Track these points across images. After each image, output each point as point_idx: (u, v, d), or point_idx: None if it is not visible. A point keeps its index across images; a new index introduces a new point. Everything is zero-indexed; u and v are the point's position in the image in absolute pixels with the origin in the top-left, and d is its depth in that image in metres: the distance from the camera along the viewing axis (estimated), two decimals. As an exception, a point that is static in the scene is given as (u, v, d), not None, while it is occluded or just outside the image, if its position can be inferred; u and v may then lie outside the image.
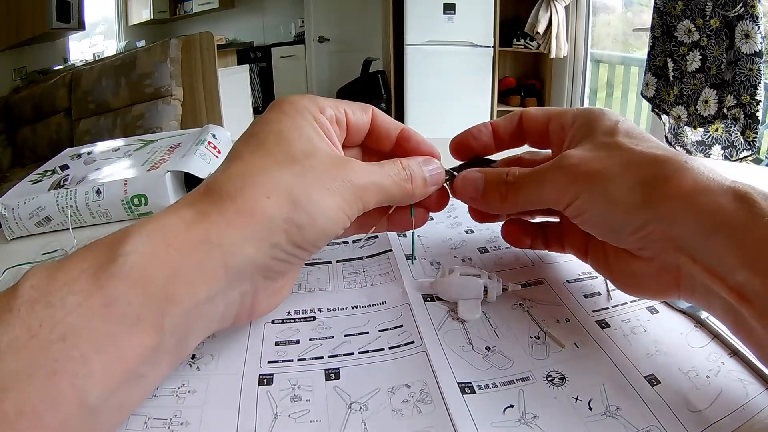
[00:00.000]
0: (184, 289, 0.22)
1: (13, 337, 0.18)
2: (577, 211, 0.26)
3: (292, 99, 0.28)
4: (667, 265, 0.25)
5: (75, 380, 0.19)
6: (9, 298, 0.19)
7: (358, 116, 0.30)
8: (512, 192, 0.29)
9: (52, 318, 0.19)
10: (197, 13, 3.61)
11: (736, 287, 0.22)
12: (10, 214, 0.47)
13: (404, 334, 0.29)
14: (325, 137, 0.27)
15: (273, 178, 0.24)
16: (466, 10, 2.88)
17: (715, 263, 0.22)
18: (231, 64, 2.87)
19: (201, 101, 1.93)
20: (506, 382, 0.26)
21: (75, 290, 0.19)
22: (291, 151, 0.25)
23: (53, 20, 2.62)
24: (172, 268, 0.21)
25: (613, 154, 0.26)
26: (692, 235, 0.23)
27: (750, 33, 1.47)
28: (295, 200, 0.24)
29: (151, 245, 0.21)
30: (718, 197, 0.22)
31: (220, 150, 0.58)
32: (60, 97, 2.11)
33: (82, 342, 0.19)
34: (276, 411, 0.24)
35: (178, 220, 0.22)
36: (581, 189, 0.26)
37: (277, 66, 3.77)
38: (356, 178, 0.26)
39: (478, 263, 0.36)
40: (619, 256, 0.27)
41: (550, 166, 0.27)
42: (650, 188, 0.24)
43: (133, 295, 0.20)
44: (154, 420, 0.24)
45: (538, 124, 0.32)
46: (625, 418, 0.24)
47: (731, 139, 1.60)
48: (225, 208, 0.23)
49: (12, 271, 0.39)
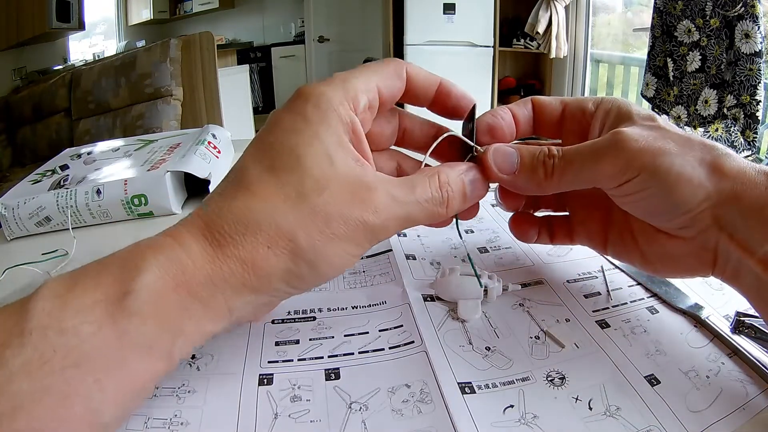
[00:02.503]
0: (193, 323, 0.22)
1: (24, 361, 0.18)
2: (635, 188, 0.25)
3: (318, 95, 0.25)
4: (706, 243, 0.26)
5: (89, 403, 0.19)
6: (19, 319, 0.19)
7: (392, 86, 0.27)
8: (560, 168, 0.26)
9: (65, 346, 0.19)
10: (197, 13, 3.61)
11: (763, 258, 0.23)
12: (10, 214, 0.47)
13: (404, 334, 0.29)
14: (349, 146, 0.25)
15: (276, 222, 0.22)
16: (466, 10, 2.88)
17: (749, 239, 0.24)
18: (231, 64, 2.87)
19: (201, 101, 1.93)
20: (506, 382, 0.26)
21: (89, 320, 0.20)
22: (303, 182, 0.23)
23: (53, 20, 2.62)
24: (181, 305, 0.22)
25: (668, 135, 0.25)
26: (735, 215, 0.24)
27: (750, 33, 1.47)
28: (297, 251, 0.23)
29: (161, 282, 0.21)
30: (756, 179, 0.24)
31: (220, 150, 0.58)
32: (60, 97, 2.11)
33: (95, 368, 0.19)
34: (276, 411, 0.24)
35: (187, 258, 0.22)
36: (645, 165, 0.24)
37: (277, 66, 3.77)
38: (374, 216, 0.23)
39: (478, 263, 0.36)
40: (652, 239, 0.28)
41: (605, 142, 0.26)
42: (707, 169, 0.25)
43: (146, 327, 0.21)
44: (154, 420, 0.24)
45: (552, 110, 0.31)
46: (625, 418, 0.24)
47: (731, 139, 1.60)
48: (228, 253, 0.22)
49: (12, 271, 0.39)
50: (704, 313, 0.30)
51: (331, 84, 0.25)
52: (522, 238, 0.34)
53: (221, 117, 1.89)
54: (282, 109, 0.25)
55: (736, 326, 0.28)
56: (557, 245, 0.36)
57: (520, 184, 0.28)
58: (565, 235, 0.33)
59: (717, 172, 0.24)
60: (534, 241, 0.33)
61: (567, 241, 0.33)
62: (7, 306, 0.20)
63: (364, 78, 0.26)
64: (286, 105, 0.25)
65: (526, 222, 0.33)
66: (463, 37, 2.91)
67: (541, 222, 0.33)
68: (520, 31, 2.95)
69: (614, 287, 0.33)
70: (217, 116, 1.89)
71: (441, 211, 0.26)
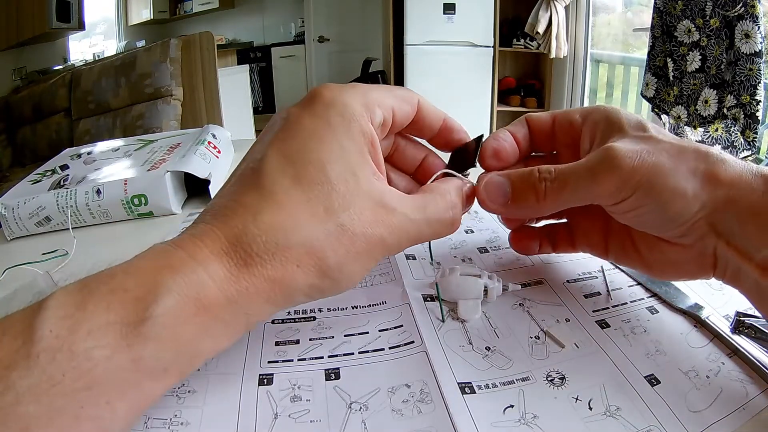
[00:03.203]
0: (210, 344, 0.22)
1: (32, 384, 0.18)
2: (632, 206, 0.26)
3: (342, 102, 0.25)
4: (705, 249, 0.26)
5: (100, 423, 0.19)
6: (25, 340, 0.18)
7: (404, 111, 0.29)
8: (554, 190, 0.27)
9: (76, 369, 0.18)
10: (197, 13, 3.62)
11: (760, 263, 0.23)
12: (10, 214, 0.47)
13: (404, 334, 0.29)
14: (370, 160, 0.25)
15: (307, 241, 0.22)
16: (466, 10, 2.88)
17: (746, 245, 0.24)
18: (231, 64, 2.87)
19: (201, 101, 1.93)
20: (506, 382, 0.26)
21: (102, 344, 0.19)
22: (330, 198, 0.23)
23: (53, 20, 2.62)
24: (202, 327, 0.21)
25: (659, 148, 0.25)
26: (731, 221, 0.24)
27: (750, 33, 1.47)
28: (325, 268, 0.23)
29: (181, 308, 0.20)
30: (752, 184, 0.24)
31: (220, 150, 0.58)
32: (60, 97, 2.11)
33: (107, 391, 0.19)
34: (276, 411, 0.24)
35: (209, 280, 0.21)
36: (640, 183, 0.25)
37: (277, 66, 3.77)
38: (391, 234, 0.24)
39: (478, 263, 0.36)
40: (653, 246, 0.28)
41: (599, 160, 0.26)
42: (701, 179, 0.25)
43: (163, 353, 0.20)
44: (154, 420, 0.24)
45: (544, 126, 0.32)
46: (625, 418, 0.24)
47: (731, 139, 1.60)
48: (255, 273, 0.22)
49: (12, 271, 0.39)
50: (704, 313, 0.30)
51: (353, 94, 0.25)
52: (524, 252, 0.35)
53: (221, 117, 1.89)
54: (301, 109, 0.25)
55: (736, 326, 0.28)
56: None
57: (514, 212, 0.29)
58: (567, 244, 0.33)
59: (711, 180, 0.25)
60: (536, 253, 0.34)
61: (569, 249, 0.34)
62: (12, 321, 0.19)
63: (382, 95, 0.27)
64: (306, 106, 0.25)
65: (526, 237, 0.34)
66: (463, 37, 2.91)
67: (542, 233, 0.34)
68: (520, 31, 2.95)
69: (614, 287, 0.33)
70: (217, 116, 1.89)
71: (446, 231, 0.27)
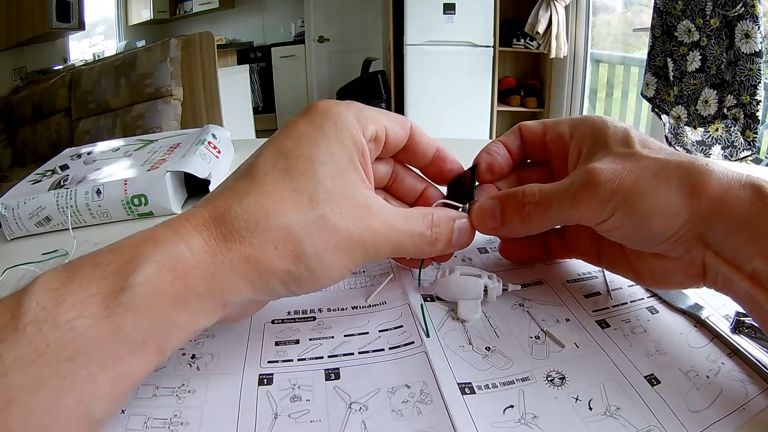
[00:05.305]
0: (187, 318, 0.22)
1: (18, 355, 0.18)
2: (613, 226, 0.26)
3: (336, 112, 0.27)
4: (693, 260, 0.26)
5: (82, 396, 0.19)
6: (14, 314, 0.19)
7: (396, 133, 0.30)
8: (537, 213, 0.28)
9: (60, 339, 0.19)
10: (197, 13, 3.62)
11: (751, 274, 0.23)
12: (10, 214, 0.47)
13: (404, 334, 0.29)
14: (359, 167, 0.27)
15: (287, 224, 0.23)
16: (466, 10, 2.88)
17: (735, 255, 0.24)
18: (231, 64, 2.87)
19: (201, 101, 1.93)
20: (506, 382, 0.26)
21: (84, 314, 0.20)
22: (315, 190, 0.24)
23: (53, 20, 2.62)
24: (177, 298, 0.22)
25: (641, 165, 0.26)
26: (718, 233, 0.24)
27: (750, 33, 1.47)
28: (301, 255, 0.23)
29: (158, 277, 0.21)
30: (740, 195, 0.24)
31: (220, 150, 0.58)
32: (60, 97, 2.11)
33: (89, 362, 0.19)
34: (276, 411, 0.24)
35: (187, 251, 0.22)
36: (618, 204, 0.25)
37: (277, 66, 3.77)
38: (373, 237, 0.25)
39: (478, 263, 0.36)
40: (641, 257, 0.28)
41: (580, 183, 0.27)
42: (683, 195, 0.25)
43: (141, 323, 0.21)
44: (154, 420, 0.24)
45: (537, 135, 0.33)
46: (625, 418, 0.24)
47: (731, 139, 1.60)
48: (233, 248, 0.23)
49: (12, 271, 0.39)
50: (704, 313, 0.30)
51: (347, 107, 0.27)
52: (515, 261, 0.36)
53: (221, 117, 1.89)
54: (299, 118, 0.27)
55: (736, 326, 0.28)
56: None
57: (506, 233, 0.31)
58: (562, 251, 0.34)
59: (696, 194, 0.24)
60: (530, 263, 0.35)
61: (564, 256, 0.34)
62: (3, 300, 0.20)
63: (375, 113, 0.29)
64: (303, 115, 0.27)
65: (516, 245, 0.35)
66: (463, 37, 2.91)
67: (534, 241, 0.34)
68: (520, 31, 2.95)
69: (614, 287, 0.33)
70: (217, 116, 1.89)
71: (428, 249, 0.28)
